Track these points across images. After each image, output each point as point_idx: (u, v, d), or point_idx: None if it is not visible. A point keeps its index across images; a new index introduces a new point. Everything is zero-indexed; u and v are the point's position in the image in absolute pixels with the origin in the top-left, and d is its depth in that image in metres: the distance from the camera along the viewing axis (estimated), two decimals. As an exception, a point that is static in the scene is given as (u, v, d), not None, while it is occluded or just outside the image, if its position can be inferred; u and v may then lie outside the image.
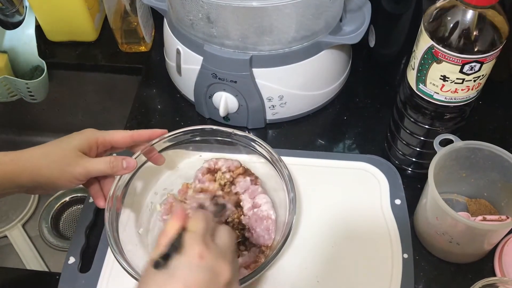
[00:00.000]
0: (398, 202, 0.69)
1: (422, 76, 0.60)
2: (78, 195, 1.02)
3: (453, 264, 0.65)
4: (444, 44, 0.55)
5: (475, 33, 0.54)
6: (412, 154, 0.70)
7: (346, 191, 0.71)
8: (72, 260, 0.65)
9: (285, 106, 0.77)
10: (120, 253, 0.59)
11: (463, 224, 0.57)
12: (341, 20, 0.74)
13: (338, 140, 0.79)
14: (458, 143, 0.62)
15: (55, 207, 1.00)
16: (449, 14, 0.55)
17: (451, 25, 0.54)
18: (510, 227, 0.61)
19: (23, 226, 0.98)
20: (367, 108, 0.82)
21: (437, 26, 0.56)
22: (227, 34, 0.69)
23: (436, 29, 0.56)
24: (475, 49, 0.54)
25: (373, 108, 0.82)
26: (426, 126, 0.65)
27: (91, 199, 0.70)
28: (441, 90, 0.59)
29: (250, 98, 0.75)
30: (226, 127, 0.68)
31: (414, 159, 0.71)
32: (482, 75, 0.57)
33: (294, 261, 0.65)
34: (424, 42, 0.57)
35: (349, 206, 0.69)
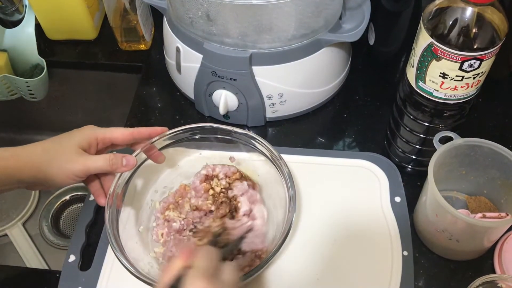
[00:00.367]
0: (398, 199, 0.69)
1: (421, 73, 0.60)
2: (79, 193, 1.02)
3: (452, 261, 0.65)
4: (443, 41, 0.55)
5: (474, 30, 0.54)
6: (412, 151, 0.70)
7: (346, 189, 0.71)
8: (72, 258, 0.65)
9: (285, 104, 0.77)
10: (120, 251, 0.59)
11: (463, 221, 0.57)
12: (340, 18, 0.74)
13: (338, 138, 0.79)
14: (458, 140, 0.62)
15: (56, 205, 1.00)
16: (449, 12, 0.55)
17: (451, 23, 0.54)
18: (510, 224, 0.60)
19: (23, 224, 0.98)
20: (367, 106, 0.83)
21: (436, 24, 0.56)
22: (227, 32, 0.69)
23: (435, 27, 0.56)
24: (474, 46, 0.54)
25: (372, 106, 0.82)
26: (426, 124, 0.65)
27: (92, 197, 0.70)
28: (440, 88, 0.59)
29: (250, 96, 0.75)
30: (226, 125, 0.68)
31: (414, 157, 0.71)
32: (482, 72, 0.57)
33: (294, 259, 0.65)
34: (423, 39, 0.57)
35: (349, 204, 0.69)
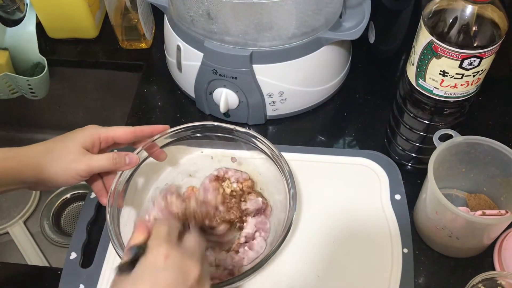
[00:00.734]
0: (398, 197, 0.69)
1: (421, 71, 0.60)
2: (79, 192, 1.02)
3: (452, 259, 0.66)
4: (443, 39, 0.55)
5: (474, 28, 0.54)
6: (412, 149, 0.71)
7: (346, 187, 0.71)
8: (73, 255, 0.66)
9: (285, 102, 0.77)
10: (121, 248, 0.59)
11: (462, 219, 0.58)
12: (341, 16, 0.74)
13: (338, 136, 0.80)
14: (458, 138, 0.62)
15: (56, 204, 1.01)
16: (449, 10, 0.55)
17: (451, 21, 0.55)
18: (509, 221, 0.61)
19: (25, 222, 0.98)
20: (367, 104, 0.83)
21: (436, 22, 0.56)
22: (227, 30, 0.69)
23: (435, 25, 0.56)
24: (474, 44, 0.55)
25: (373, 104, 0.83)
26: (426, 122, 0.65)
27: (93, 195, 0.70)
28: (440, 85, 0.59)
29: (250, 94, 0.75)
30: (227, 124, 0.69)
31: (414, 155, 0.71)
32: (482, 70, 0.57)
33: (294, 256, 0.65)
34: (423, 37, 0.57)
35: (349, 202, 0.70)
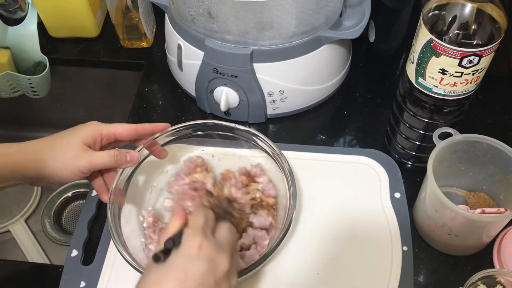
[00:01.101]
0: (397, 195, 0.69)
1: (421, 69, 0.60)
2: (81, 190, 1.02)
3: (452, 257, 0.66)
4: (443, 37, 0.55)
5: (473, 26, 0.55)
6: (411, 147, 0.71)
7: (346, 185, 0.71)
8: (75, 253, 0.66)
9: (286, 101, 0.77)
10: (122, 245, 0.60)
11: (462, 217, 0.58)
12: (341, 15, 0.75)
13: (339, 135, 0.80)
14: (457, 136, 0.62)
15: (58, 202, 1.01)
16: (448, 8, 0.55)
17: (450, 19, 0.55)
18: (509, 219, 0.61)
19: (26, 221, 0.98)
20: (367, 102, 0.83)
21: (436, 20, 0.56)
22: (228, 29, 0.70)
23: (435, 23, 0.56)
24: (473, 42, 0.55)
25: (373, 102, 0.83)
26: (426, 120, 0.65)
27: (94, 193, 0.70)
28: (440, 84, 0.59)
29: (250, 93, 0.75)
30: (228, 122, 0.69)
31: (413, 153, 0.71)
32: (481, 68, 0.58)
33: (294, 254, 0.65)
34: (423, 35, 0.57)
35: (349, 200, 0.70)
